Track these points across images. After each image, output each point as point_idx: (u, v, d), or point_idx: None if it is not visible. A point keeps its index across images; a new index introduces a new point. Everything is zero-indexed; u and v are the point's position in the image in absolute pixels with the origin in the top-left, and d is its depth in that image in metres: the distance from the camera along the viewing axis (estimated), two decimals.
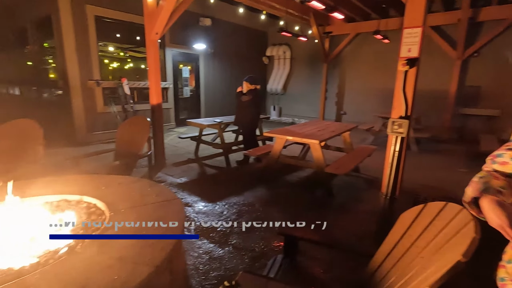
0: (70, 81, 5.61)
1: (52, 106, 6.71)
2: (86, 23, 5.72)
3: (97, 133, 6.06)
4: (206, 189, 3.69)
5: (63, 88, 5.98)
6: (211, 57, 8.77)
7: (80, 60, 5.72)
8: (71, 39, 5.53)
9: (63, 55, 5.57)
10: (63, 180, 2.36)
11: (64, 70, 5.68)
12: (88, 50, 5.84)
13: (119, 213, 1.78)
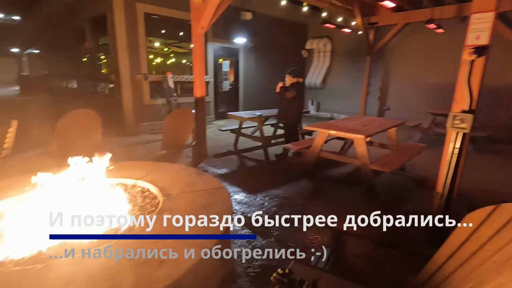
0: (121, 75, 6.03)
1: (104, 99, 7.28)
2: (136, 20, 6.07)
3: (144, 124, 6.45)
4: (246, 181, 3.75)
5: (114, 82, 6.44)
6: (251, 51, 8.82)
7: (130, 56, 6.11)
8: (123, 35, 5.92)
9: (115, 51, 5.99)
10: (119, 166, 2.55)
11: (116, 65, 6.12)
12: (137, 46, 6.21)
13: (171, 198, 1.88)
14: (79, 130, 3.23)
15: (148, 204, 1.92)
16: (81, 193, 1.92)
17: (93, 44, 7.86)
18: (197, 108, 4.24)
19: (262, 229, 2.52)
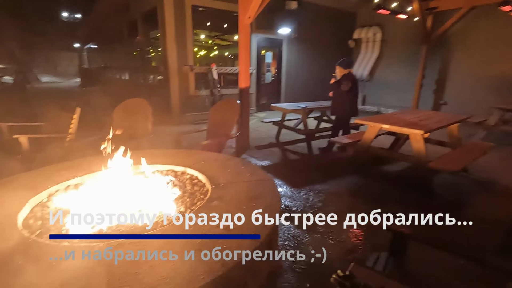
0: (169, 66, 6.27)
1: (153, 89, 7.66)
2: (184, 13, 6.24)
3: (189, 114, 6.67)
4: (290, 174, 3.66)
5: (163, 74, 6.74)
6: (295, 41, 8.58)
7: (178, 48, 6.31)
8: (172, 28, 6.13)
9: (165, 44, 6.23)
10: (169, 153, 2.64)
11: (165, 57, 6.37)
12: (185, 38, 6.39)
13: (219, 187, 1.88)
14: (132, 117, 3.41)
15: (197, 192, 1.94)
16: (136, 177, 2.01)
17: (144, 37, 8.28)
18: (241, 99, 4.24)
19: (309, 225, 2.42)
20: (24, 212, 1.58)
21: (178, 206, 1.77)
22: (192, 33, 6.51)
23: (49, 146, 3.30)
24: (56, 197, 1.82)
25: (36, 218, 1.56)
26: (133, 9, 8.18)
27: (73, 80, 21.53)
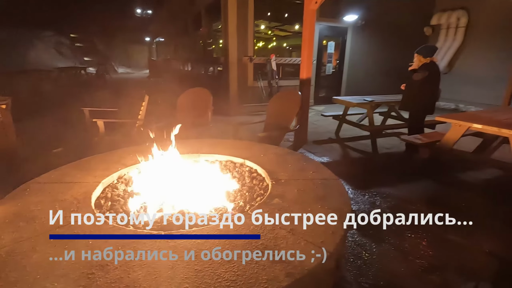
0: (230, 57, 6.34)
1: (213, 80, 7.87)
2: (246, 3, 6.19)
3: (246, 105, 6.69)
4: (352, 174, 3.36)
5: (223, 64, 6.85)
6: (361, 29, 7.92)
7: (239, 39, 6.32)
8: (234, 19, 6.15)
9: (226, 35, 6.30)
10: (228, 144, 2.60)
11: (226, 48, 6.45)
12: (246, 29, 6.36)
13: (280, 183, 1.75)
14: (194, 106, 3.48)
15: (256, 186, 1.84)
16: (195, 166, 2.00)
17: (207, 29, 8.52)
18: (302, 91, 4.02)
19: (374, 232, 2.16)
20: (97, 192, 1.67)
21: (237, 200, 1.69)
22: (253, 24, 6.45)
23: (121, 130, 3.59)
24: (125, 179, 1.90)
25: (107, 199, 1.63)
26: (198, 2, 8.46)
27: (143, 71, 23.62)
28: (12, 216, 1.33)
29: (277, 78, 6.60)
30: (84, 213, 1.37)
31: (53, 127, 3.63)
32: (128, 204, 1.58)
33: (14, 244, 1.15)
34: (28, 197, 1.52)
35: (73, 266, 1.03)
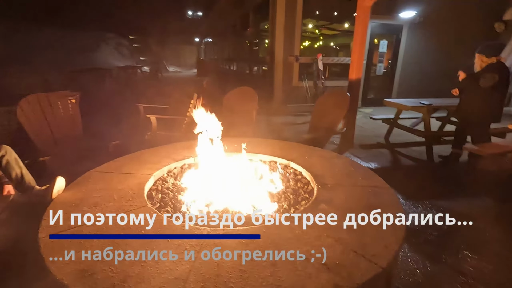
0: (276, 57, 6.32)
1: (257, 79, 7.94)
2: (295, 2, 6.11)
3: (290, 105, 6.62)
4: (403, 183, 3.11)
5: (268, 64, 6.86)
6: (418, 26, 7.31)
7: (286, 38, 6.28)
8: (282, 19, 6.12)
9: (273, 34, 6.30)
10: (272, 144, 2.58)
11: (272, 47, 6.45)
12: (293, 28, 6.28)
13: (326, 188, 1.68)
14: (240, 105, 3.53)
15: (301, 189, 1.79)
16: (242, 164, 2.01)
17: (254, 30, 8.61)
18: (350, 92, 3.84)
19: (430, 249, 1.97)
20: (149, 184, 1.77)
21: (281, 202, 1.67)
22: (301, 23, 6.35)
23: (171, 126, 3.79)
24: (174, 173, 1.99)
25: (157, 191, 1.72)
26: (246, 2, 8.59)
27: (191, 70, 24.75)
28: (78, 201, 1.47)
29: (323, 78, 6.41)
30: (137, 203, 1.46)
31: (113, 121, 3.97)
32: (177, 198, 1.65)
33: (79, 227, 1.26)
34: (91, 185, 1.66)
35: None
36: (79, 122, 2.98)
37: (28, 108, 2.59)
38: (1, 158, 1.49)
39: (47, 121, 2.71)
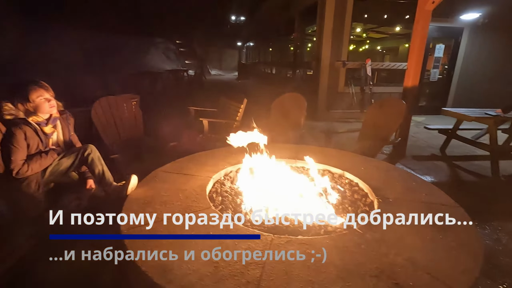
0: (322, 61, 6.23)
1: (300, 84, 7.89)
2: (345, 6, 5.97)
3: (334, 111, 6.47)
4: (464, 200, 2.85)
5: (314, 68, 6.78)
6: (482, 29, 6.69)
7: (333, 42, 6.16)
8: (330, 23, 6.02)
9: (320, 38, 6.22)
10: (323, 151, 2.55)
11: (318, 52, 6.37)
12: (341, 32, 6.14)
13: (388, 202, 1.61)
14: (288, 110, 3.55)
15: (359, 201, 1.75)
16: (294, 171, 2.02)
17: (299, 34, 8.59)
18: (405, 99, 3.65)
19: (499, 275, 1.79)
20: (209, 186, 1.85)
21: (339, 212, 1.64)
22: (350, 27, 6.19)
23: (220, 129, 3.93)
24: (230, 177, 2.07)
25: (217, 194, 1.80)
26: (292, 7, 8.60)
27: (232, 74, 25.42)
28: (150, 198, 1.59)
29: (371, 84, 6.17)
30: (202, 204, 1.55)
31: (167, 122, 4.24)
32: (236, 201, 1.71)
33: (155, 224, 1.37)
34: (159, 184, 1.79)
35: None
36: (140, 123, 3.22)
37: (100, 109, 2.87)
38: (87, 156, 1.68)
39: (114, 121, 2.98)
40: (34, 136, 1.55)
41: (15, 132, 1.48)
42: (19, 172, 1.49)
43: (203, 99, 6.22)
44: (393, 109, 3.06)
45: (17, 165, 1.48)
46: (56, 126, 1.72)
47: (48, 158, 1.61)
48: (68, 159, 1.67)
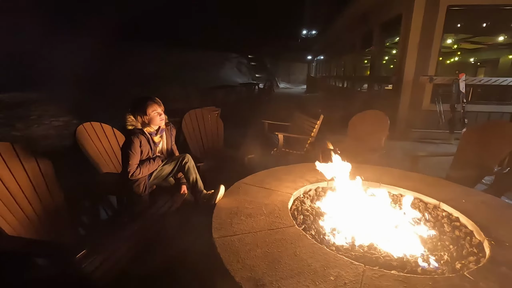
0: (404, 76, 5.75)
1: (378, 99, 7.39)
2: (435, 16, 5.44)
3: (416, 130, 5.86)
4: None
5: (394, 83, 6.31)
6: None
7: (419, 56, 5.64)
8: (416, 34, 5.55)
9: (404, 52, 5.77)
10: (412, 177, 2.31)
11: (400, 66, 5.91)
12: (429, 44, 5.59)
13: (503, 246, 1.36)
14: (368, 129, 3.36)
15: (462, 240, 1.52)
16: (379, 198, 1.88)
17: (378, 47, 8.14)
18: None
19: None
20: (290, 203, 1.86)
21: (437, 250, 1.45)
22: (440, 39, 5.60)
23: (293, 144, 3.94)
24: (309, 195, 2.04)
25: (298, 212, 1.79)
26: (371, 19, 8.24)
27: (300, 87, 25.48)
28: (236, 209, 1.68)
29: (464, 102, 5.41)
30: (285, 221, 1.55)
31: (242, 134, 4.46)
32: (318, 222, 1.67)
33: (242, 234, 1.43)
34: (242, 196, 1.87)
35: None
36: (221, 134, 3.46)
37: (189, 120, 3.18)
38: (185, 164, 1.88)
39: (199, 132, 3.26)
40: (146, 144, 1.81)
41: (134, 140, 1.75)
42: (133, 174, 1.75)
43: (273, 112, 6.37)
44: (502, 133, 2.63)
45: (132, 168, 1.74)
46: (163, 136, 1.97)
47: (155, 164, 1.85)
48: (169, 166, 1.89)
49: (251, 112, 6.70)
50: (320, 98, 14.39)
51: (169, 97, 8.80)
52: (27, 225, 1.62)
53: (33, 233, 1.63)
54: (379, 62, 8.86)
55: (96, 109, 6.18)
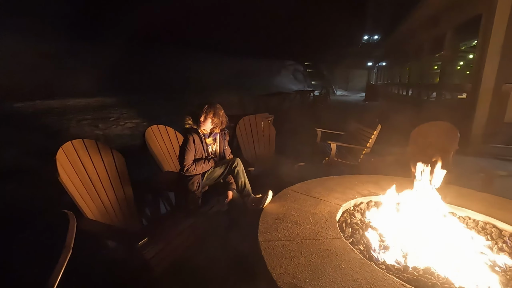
0: (482, 84, 5.07)
1: (448, 109, 6.65)
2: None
3: (494, 145, 5.09)
4: None
5: (469, 92, 5.62)
6: None
7: (502, 61, 4.93)
8: (500, 36, 4.86)
9: (482, 56, 5.10)
10: (483, 197, 2.05)
11: (477, 72, 5.24)
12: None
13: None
14: (432, 141, 3.06)
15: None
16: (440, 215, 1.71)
17: (450, 51, 7.36)
18: None
19: None
20: (338, 214, 1.80)
21: (511, 286, 1.26)
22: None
23: (345, 154, 3.79)
24: (360, 208, 1.95)
25: (347, 224, 1.73)
26: (444, 22, 7.50)
27: (358, 94, 24.26)
28: (282, 215, 1.70)
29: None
30: (331, 233, 1.52)
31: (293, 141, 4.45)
32: (367, 237, 1.59)
33: (286, 240, 1.44)
34: (289, 203, 1.88)
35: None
36: (273, 140, 3.52)
37: (243, 126, 3.32)
38: (235, 168, 1.98)
39: (252, 137, 3.37)
40: (199, 143, 1.98)
41: (189, 137, 1.95)
42: (188, 170, 1.93)
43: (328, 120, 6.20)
44: None
45: (188, 163, 1.92)
46: (216, 139, 2.11)
47: (209, 164, 2.01)
48: (220, 168, 2.02)
49: (304, 120, 6.64)
50: (381, 107, 13.51)
51: (225, 103, 9.27)
52: (102, 211, 1.89)
53: (107, 219, 1.89)
54: (452, 68, 7.99)
55: (161, 113, 6.85)
